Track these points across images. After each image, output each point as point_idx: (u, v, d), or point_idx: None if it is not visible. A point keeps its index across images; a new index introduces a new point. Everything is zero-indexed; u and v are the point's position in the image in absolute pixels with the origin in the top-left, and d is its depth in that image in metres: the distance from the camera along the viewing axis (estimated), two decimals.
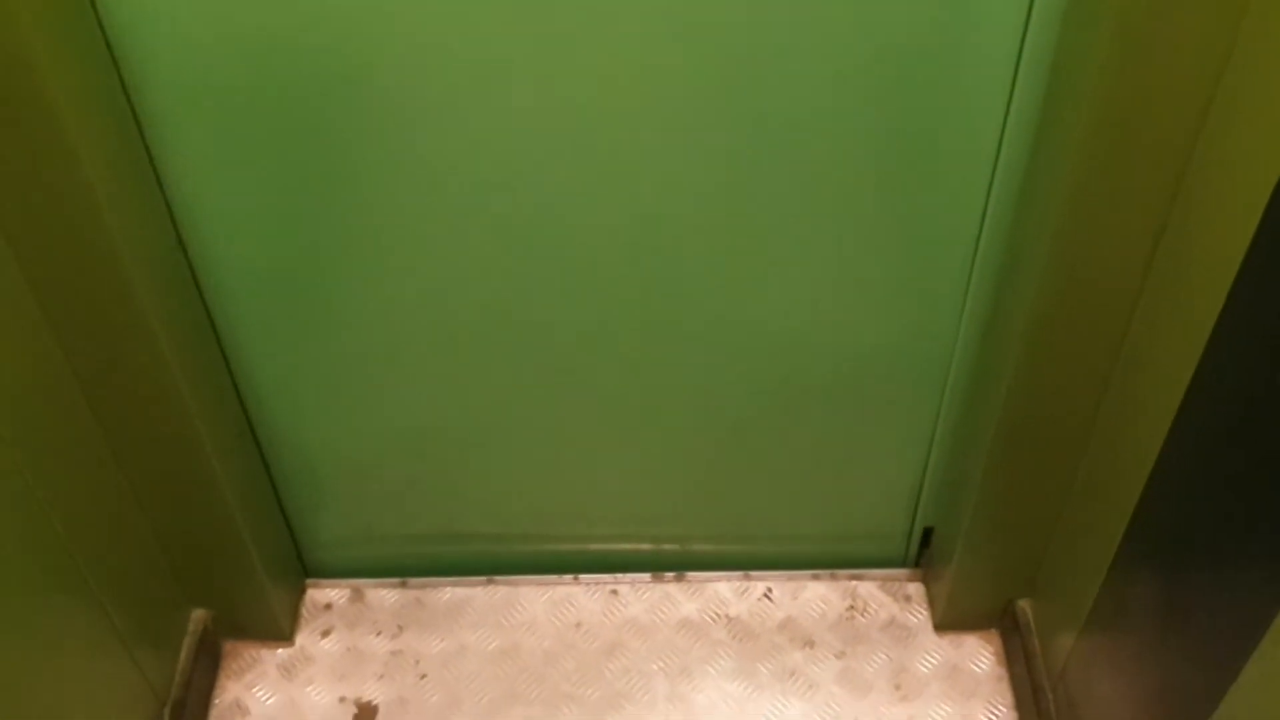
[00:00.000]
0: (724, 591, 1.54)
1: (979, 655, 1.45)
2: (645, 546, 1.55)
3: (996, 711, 1.40)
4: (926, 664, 1.45)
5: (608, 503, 1.49)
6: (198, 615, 1.42)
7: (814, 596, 1.52)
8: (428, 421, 1.35)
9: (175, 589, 1.38)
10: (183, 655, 1.38)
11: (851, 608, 1.51)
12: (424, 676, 1.45)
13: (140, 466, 1.22)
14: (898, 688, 1.43)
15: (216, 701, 1.42)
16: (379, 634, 1.49)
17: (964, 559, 1.37)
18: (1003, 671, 1.43)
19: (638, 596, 1.54)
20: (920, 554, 1.52)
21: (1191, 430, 0.99)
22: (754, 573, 1.55)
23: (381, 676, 1.45)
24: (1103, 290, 1.05)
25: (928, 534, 1.50)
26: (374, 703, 1.43)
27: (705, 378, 1.29)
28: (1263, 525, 0.88)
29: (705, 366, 1.28)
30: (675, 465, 1.42)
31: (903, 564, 1.54)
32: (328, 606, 1.52)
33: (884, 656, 1.46)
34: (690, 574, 1.55)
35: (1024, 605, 1.41)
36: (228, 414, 1.27)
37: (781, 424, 1.35)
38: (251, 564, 1.34)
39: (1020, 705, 1.40)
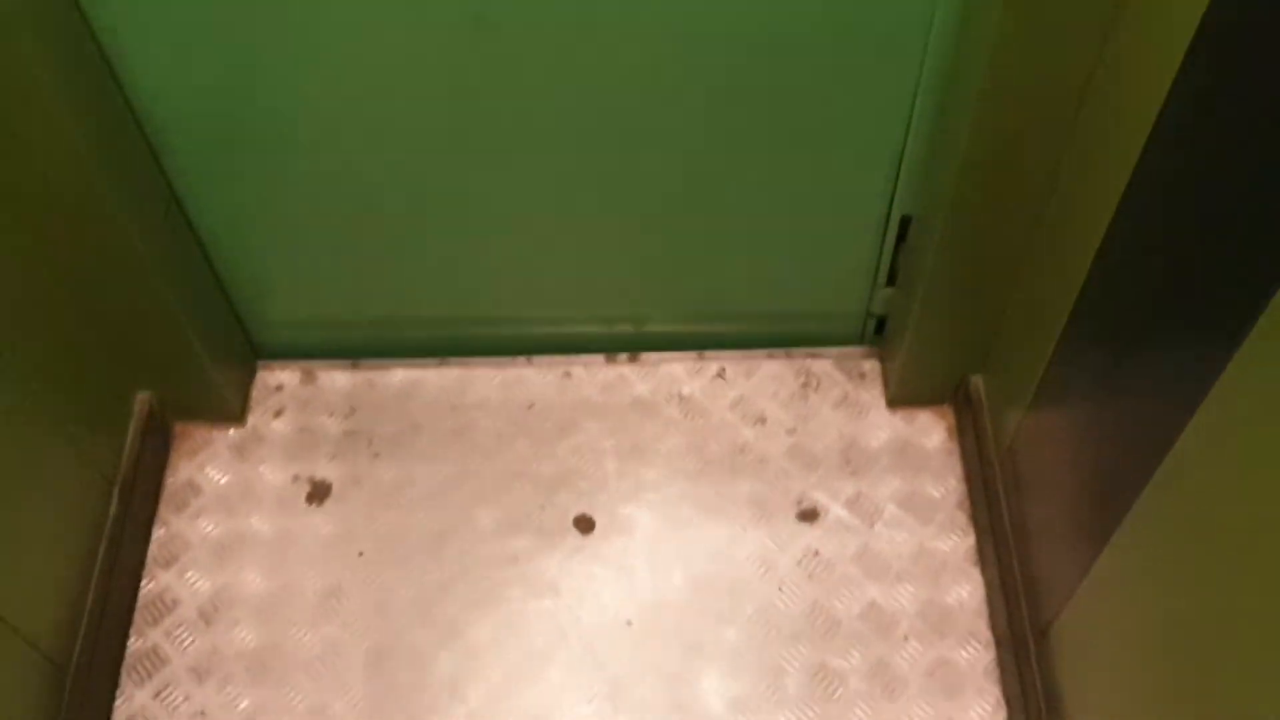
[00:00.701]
0: (678, 372, 1.52)
1: (930, 431, 1.45)
2: (598, 328, 1.53)
3: (945, 485, 1.41)
4: (877, 439, 1.45)
5: (560, 278, 1.45)
6: (142, 397, 1.41)
7: (768, 375, 1.51)
8: (365, 187, 1.29)
9: (117, 372, 1.36)
10: (129, 437, 1.38)
11: (805, 385, 1.50)
12: (377, 456, 1.46)
13: (64, 248, 1.17)
14: (848, 462, 1.43)
15: (169, 481, 1.43)
16: (331, 415, 1.49)
17: (919, 333, 1.34)
18: (953, 446, 1.44)
19: (591, 377, 1.53)
20: (879, 316, 1.48)
21: (1137, 206, 0.95)
22: (708, 353, 1.53)
23: (334, 456, 1.46)
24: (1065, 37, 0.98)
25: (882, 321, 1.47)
26: (327, 481, 1.44)
27: (665, 62, 1.15)
28: (1199, 302, 0.85)
29: (664, 49, 1.13)
30: (628, 212, 1.33)
31: (859, 341, 1.52)
32: (279, 388, 1.51)
33: (835, 432, 1.46)
34: (644, 355, 1.54)
35: (976, 381, 1.40)
36: (147, 188, 1.21)
37: (746, 141, 1.24)
38: (191, 344, 1.32)
39: (969, 479, 1.41)
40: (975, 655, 1.30)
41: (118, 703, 1.28)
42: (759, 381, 1.50)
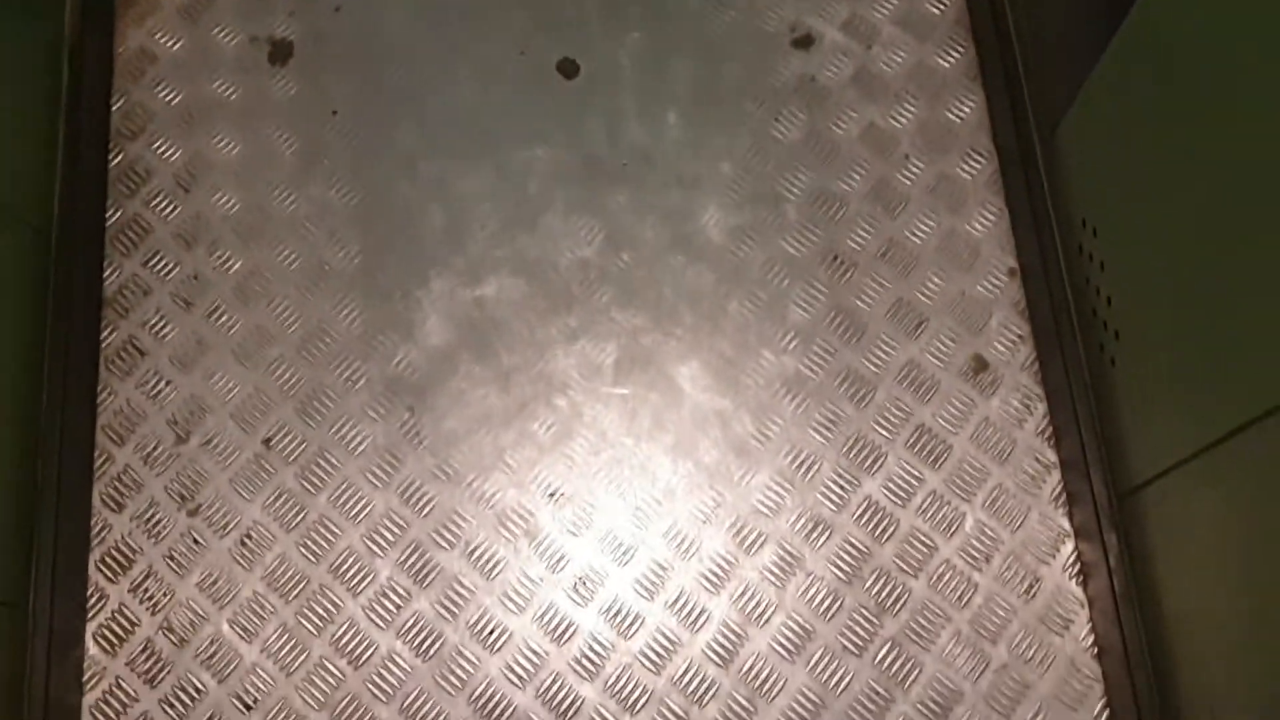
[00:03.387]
0: None
1: None
2: None
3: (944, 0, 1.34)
4: None
5: None
6: None
7: None
8: None
9: None
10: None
11: None
12: (338, 10, 1.35)
13: None
14: None
15: (120, 51, 1.33)
16: None
17: None
18: None
19: None
20: None
21: None
22: None
23: (292, 13, 1.35)
24: None
25: None
26: (288, 39, 1.34)
27: None
28: None
29: None
30: None
31: None
32: None
33: None
34: None
35: None
36: None
37: None
38: None
39: None
40: (978, 168, 1.28)
41: (108, 274, 1.25)
42: None
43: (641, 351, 1.23)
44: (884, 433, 1.20)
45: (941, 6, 1.33)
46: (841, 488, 1.18)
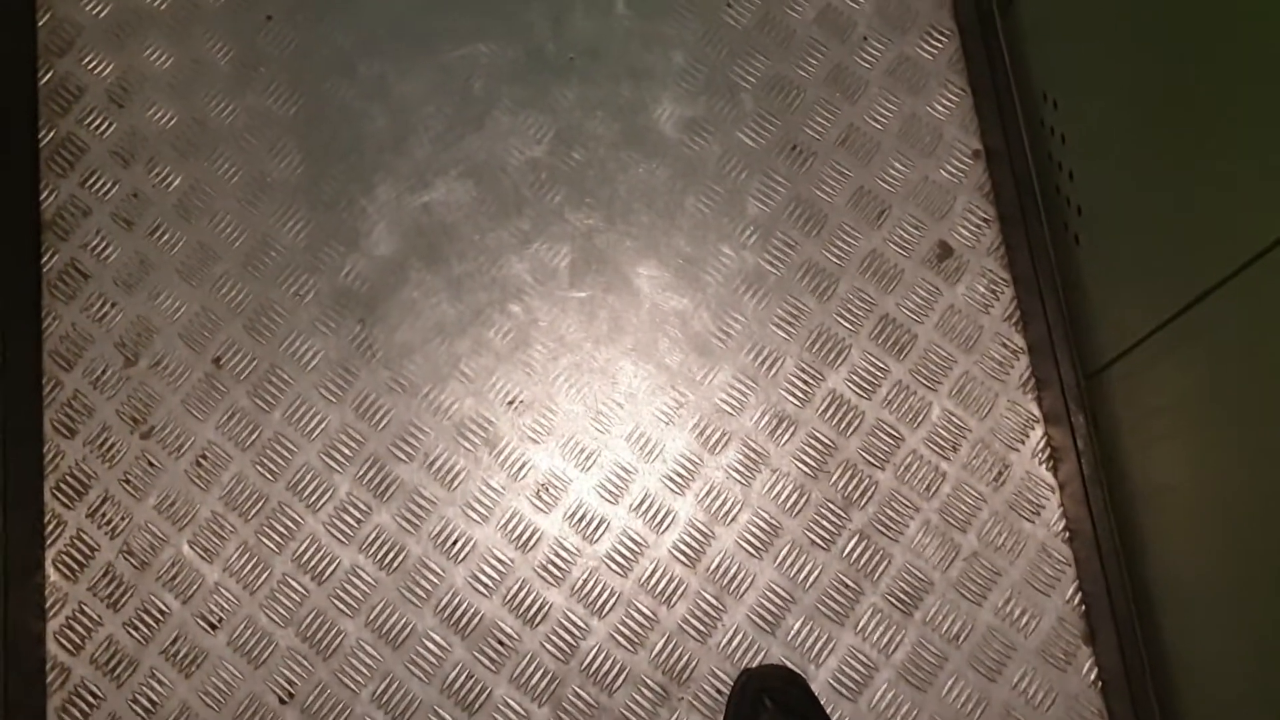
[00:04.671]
0: None
1: None
2: None
3: None
4: None
5: None
6: None
7: None
8: None
9: None
10: None
11: None
12: None
13: None
14: None
15: None
16: None
17: None
18: None
19: None
20: None
21: None
22: None
23: None
24: None
25: None
26: None
27: None
28: None
29: None
30: None
31: None
32: None
33: None
34: None
35: None
36: None
37: None
38: None
39: None
40: (939, 48, 1.23)
41: (45, 197, 1.21)
42: None
43: (597, 253, 1.20)
44: (847, 325, 1.17)
45: None
46: (805, 382, 1.15)
